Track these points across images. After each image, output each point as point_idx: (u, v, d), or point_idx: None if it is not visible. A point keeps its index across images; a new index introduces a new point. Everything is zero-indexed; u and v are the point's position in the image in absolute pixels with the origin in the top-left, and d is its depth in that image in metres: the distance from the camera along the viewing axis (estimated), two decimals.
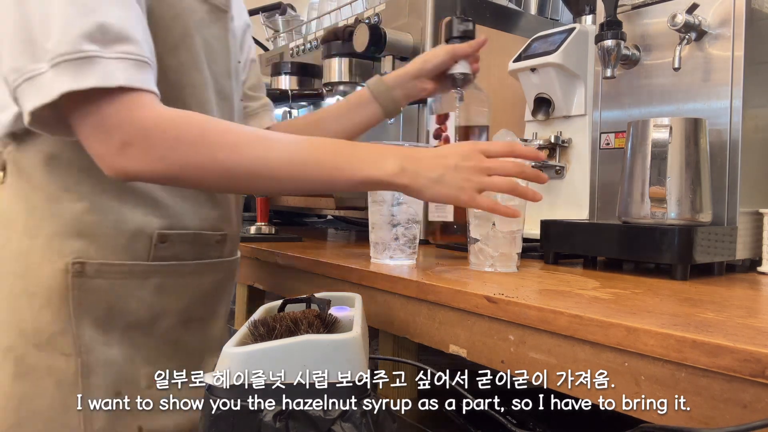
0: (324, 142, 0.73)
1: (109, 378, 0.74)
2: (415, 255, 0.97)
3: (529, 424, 0.69)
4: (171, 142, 0.66)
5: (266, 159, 0.69)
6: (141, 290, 0.76)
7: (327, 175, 0.71)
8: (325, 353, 0.54)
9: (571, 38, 1.10)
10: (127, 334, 0.76)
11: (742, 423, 0.44)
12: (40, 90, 0.62)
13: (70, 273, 0.72)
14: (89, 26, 0.62)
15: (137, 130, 0.65)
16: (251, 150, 0.68)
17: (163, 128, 0.66)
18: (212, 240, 0.83)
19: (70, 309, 0.72)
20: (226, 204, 0.86)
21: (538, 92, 1.16)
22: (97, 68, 0.62)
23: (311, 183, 0.72)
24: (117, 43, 0.63)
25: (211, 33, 0.81)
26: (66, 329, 0.72)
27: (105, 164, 0.67)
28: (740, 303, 0.71)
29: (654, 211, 0.88)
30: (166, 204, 0.77)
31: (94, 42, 0.62)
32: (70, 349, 0.72)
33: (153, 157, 0.65)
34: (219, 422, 0.52)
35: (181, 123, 0.67)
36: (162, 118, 0.66)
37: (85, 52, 0.62)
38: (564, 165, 1.15)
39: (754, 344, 0.46)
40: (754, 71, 0.90)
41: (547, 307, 0.60)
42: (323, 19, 1.81)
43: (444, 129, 1.03)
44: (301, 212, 1.95)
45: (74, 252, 0.73)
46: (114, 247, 0.74)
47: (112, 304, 0.74)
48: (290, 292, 1.06)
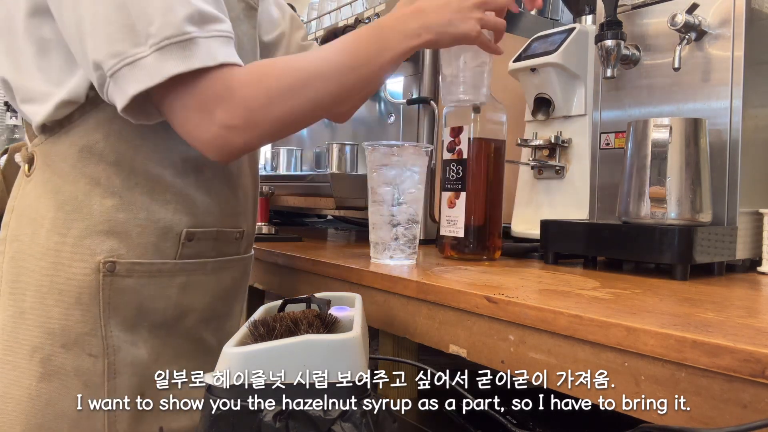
0: (357, 37, 0.76)
1: (134, 379, 0.74)
2: (415, 255, 0.97)
3: (529, 424, 0.69)
4: (263, 100, 0.68)
5: (336, 77, 0.72)
6: (168, 289, 0.76)
7: (377, 65, 0.75)
8: (325, 353, 0.54)
9: (571, 38, 1.10)
10: (152, 334, 0.76)
11: (742, 423, 0.44)
12: (144, 73, 0.63)
13: (101, 272, 0.72)
14: (190, 9, 0.64)
15: (237, 104, 0.66)
16: (323, 76, 0.72)
17: (254, 93, 0.67)
18: (232, 237, 0.84)
19: (99, 308, 0.72)
20: (245, 200, 0.86)
21: (538, 92, 1.16)
22: (201, 48, 0.64)
23: (364, 80, 0.75)
24: (210, 22, 0.65)
25: (243, 31, 0.81)
26: (95, 329, 0.72)
27: (211, 146, 0.68)
28: (740, 303, 0.71)
29: (654, 211, 0.88)
30: (194, 200, 0.77)
31: (194, 24, 0.64)
32: (97, 350, 0.72)
33: (255, 123, 0.68)
34: (219, 422, 0.52)
35: (264, 78, 0.69)
36: (249, 82, 0.68)
37: (189, 34, 0.63)
38: (564, 165, 1.15)
39: (754, 344, 0.46)
40: (754, 71, 0.90)
41: (546, 307, 0.60)
42: (323, 19, 1.81)
43: (458, 142, 1.02)
44: (301, 212, 1.95)
45: (105, 250, 0.72)
46: (144, 245, 0.74)
47: (141, 304, 0.74)
48: (290, 292, 1.06)
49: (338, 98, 0.74)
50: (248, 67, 0.69)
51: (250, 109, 0.67)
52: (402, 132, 1.38)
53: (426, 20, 0.76)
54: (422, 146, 0.97)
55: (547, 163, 1.15)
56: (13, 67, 0.73)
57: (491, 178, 1.02)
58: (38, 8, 0.70)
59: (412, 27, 0.76)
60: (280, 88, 0.69)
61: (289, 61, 0.75)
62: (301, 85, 0.70)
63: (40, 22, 0.70)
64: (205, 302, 0.80)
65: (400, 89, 1.38)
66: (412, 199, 0.95)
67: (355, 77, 0.73)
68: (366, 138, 1.53)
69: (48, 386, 0.71)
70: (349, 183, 1.31)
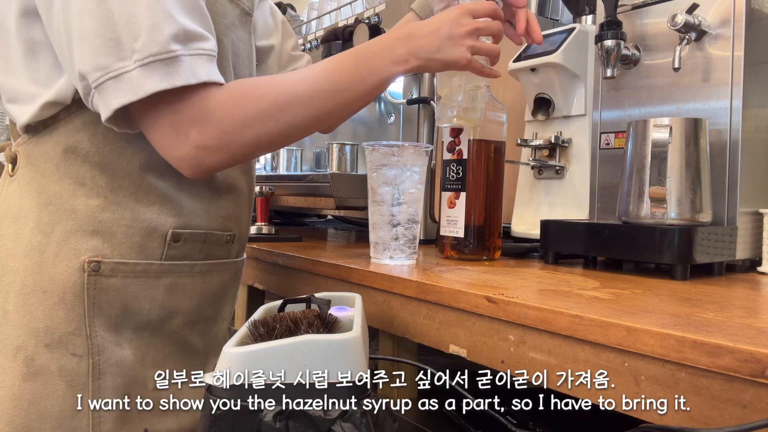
0: (342, 61, 0.76)
1: (119, 380, 0.73)
2: (415, 255, 0.97)
3: (529, 424, 0.69)
4: (238, 123, 0.68)
5: (316, 102, 0.73)
6: (154, 290, 0.76)
7: (361, 90, 0.75)
8: (325, 353, 0.54)
9: (571, 38, 1.10)
10: (137, 335, 0.75)
11: (742, 423, 0.44)
12: (128, 87, 0.64)
13: (86, 271, 0.72)
14: (176, 28, 0.65)
15: (212, 126, 0.67)
16: (303, 100, 0.72)
17: (230, 115, 0.68)
18: (222, 240, 0.83)
19: (84, 308, 0.72)
20: (237, 204, 0.86)
21: (538, 92, 1.16)
22: (185, 66, 0.65)
23: (345, 104, 0.75)
24: (195, 40, 0.66)
25: (238, 36, 0.81)
26: (79, 329, 0.72)
27: (184, 164, 0.69)
28: (740, 303, 0.71)
29: (654, 211, 0.88)
30: (180, 202, 0.77)
31: (178, 42, 0.65)
32: (82, 350, 0.72)
33: (228, 145, 0.69)
34: (219, 422, 0.52)
35: (242, 101, 0.69)
36: (226, 104, 0.68)
37: (173, 52, 0.64)
38: (564, 165, 1.15)
39: (754, 344, 0.46)
40: (754, 71, 0.90)
41: (547, 307, 0.60)
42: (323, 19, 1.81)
43: (458, 142, 1.02)
44: (301, 212, 1.95)
45: (90, 250, 0.72)
46: (129, 245, 0.74)
47: (126, 304, 0.74)
48: (290, 292, 1.06)
49: (317, 121, 0.74)
50: (229, 87, 0.70)
51: (225, 132, 0.68)
52: (402, 132, 1.39)
53: (414, 46, 0.76)
54: (422, 146, 0.97)
55: (547, 163, 1.15)
56: (2, 67, 0.73)
57: (491, 178, 1.02)
58: (30, 10, 0.70)
59: (399, 52, 0.76)
60: (258, 112, 0.69)
61: (270, 82, 0.74)
62: (279, 110, 0.70)
63: (31, 23, 0.70)
64: (191, 304, 0.80)
65: (400, 89, 1.38)
66: (412, 199, 0.95)
67: (335, 102, 0.74)
68: (366, 138, 1.53)
69: (31, 386, 0.71)
70: (349, 183, 1.31)
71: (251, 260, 1.18)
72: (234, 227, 0.85)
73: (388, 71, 0.75)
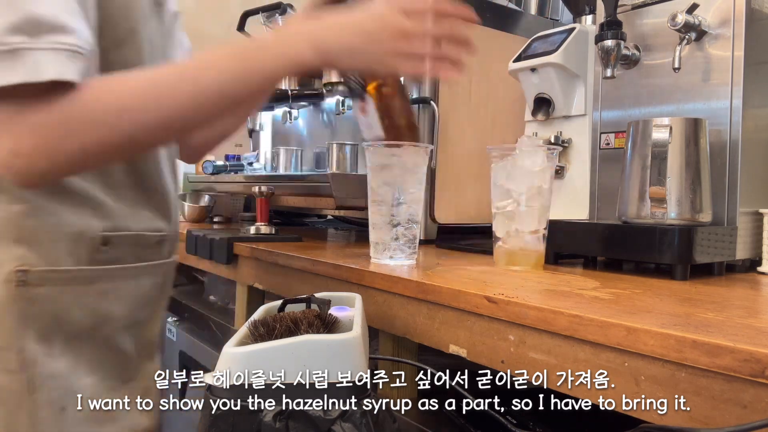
0: (232, 51, 0.68)
1: (54, 393, 0.69)
2: (415, 255, 0.97)
3: (529, 424, 0.69)
4: (61, 131, 0.59)
5: (159, 101, 0.63)
6: (85, 297, 0.72)
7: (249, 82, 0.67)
8: (325, 353, 0.54)
9: (571, 38, 1.11)
10: (70, 345, 0.71)
11: (742, 423, 0.44)
12: None
13: (13, 282, 0.67)
14: (18, 16, 0.56)
15: (28, 130, 0.59)
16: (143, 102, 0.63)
17: (52, 121, 0.59)
18: (152, 241, 0.80)
19: (13, 321, 0.68)
20: (164, 201, 0.82)
21: (538, 92, 1.16)
22: (26, 61, 0.56)
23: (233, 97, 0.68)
24: (49, 33, 0.57)
25: (152, 27, 0.77)
26: (10, 344, 0.68)
27: (1, 170, 0.61)
28: (740, 303, 0.71)
29: (654, 211, 0.88)
30: (106, 205, 0.73)
31: (21, 33, 0.56)
32: (14, 365, 0.68)
33: (48, 153, 0.60)
34: (219, 422, 0.52)
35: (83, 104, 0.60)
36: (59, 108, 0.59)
37: (10, 45, 0.56)
38: (564, 165, 1.15)
39: (754, 344, 0.46)
40: (754, 71, 0.90)
41: (547, 307, 0.60)
42: None
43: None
44: (301, 212, 1.95)
45: (16, 259, 0.68)
46: (56, 252, 0.70)
47: (57, 313, 0.70)
48: (290, 292, 1.06)
49: (166, 130, 0.66)
50: (80, 89, 0.60)
51: (45, 139, 0.59)
52: None
53: (326, 39, 0.68)
54: (422, 146, 0.96)
55: None
56: None
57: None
58: None
59: (302, 46, 0.67)
60: (93, 117, 0.60)
61: (127, 79, 0.64)
62: (116, 117, 0.61)
63: None
64: (125, 309, 0.76)
65: None
66: (412, 199, 0.95)
67: (193, 105, 0.64)
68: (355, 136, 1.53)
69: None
70: (349, 183, 1.30)
71: (251, 260, 1.18)
72: (163, 227, 0.82)
73: (284, 61, 0.67)
